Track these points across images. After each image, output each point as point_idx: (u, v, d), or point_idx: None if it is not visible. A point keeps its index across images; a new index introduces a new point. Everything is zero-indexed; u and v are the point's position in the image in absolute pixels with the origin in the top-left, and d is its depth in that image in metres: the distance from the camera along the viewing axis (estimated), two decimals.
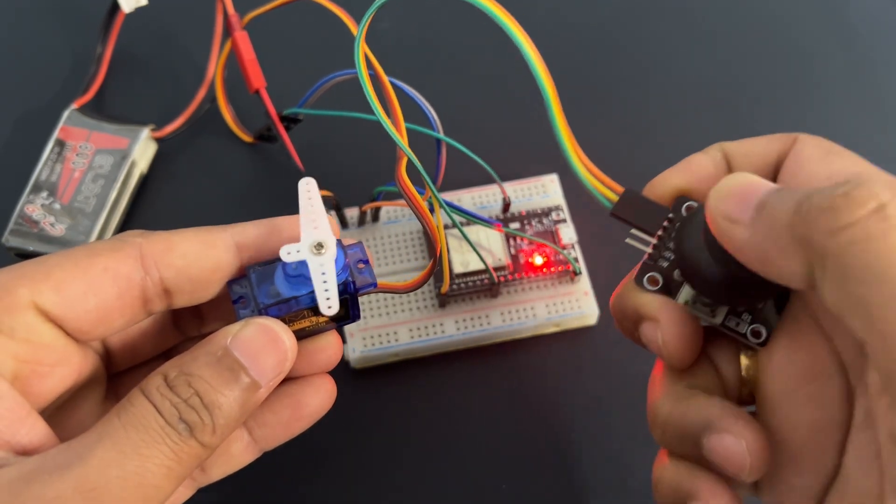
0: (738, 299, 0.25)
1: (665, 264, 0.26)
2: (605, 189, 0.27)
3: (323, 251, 0.23)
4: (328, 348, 0.26)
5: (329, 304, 0.23)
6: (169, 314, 0.27)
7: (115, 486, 0.20)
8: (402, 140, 0.26)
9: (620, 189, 0.26)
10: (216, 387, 0.22)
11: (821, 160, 0.24)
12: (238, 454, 0.27)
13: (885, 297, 0.19)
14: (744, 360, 0.26)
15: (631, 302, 0.26)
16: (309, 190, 0.24)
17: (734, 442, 0.24)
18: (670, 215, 0.26)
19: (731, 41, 0.45)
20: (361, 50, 0.26)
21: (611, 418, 0.36)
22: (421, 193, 0.28)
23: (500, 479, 0.35)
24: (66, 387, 0.24)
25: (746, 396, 0.26)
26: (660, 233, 0.26)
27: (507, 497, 0.34)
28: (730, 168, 0.26)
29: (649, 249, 0.26)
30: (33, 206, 0.38)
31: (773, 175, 0.26)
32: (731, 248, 0.22)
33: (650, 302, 0.26)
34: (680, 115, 0.43)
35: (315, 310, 0.24)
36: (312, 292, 0.23)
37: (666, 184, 0.26)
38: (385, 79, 0.27)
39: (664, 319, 0.25)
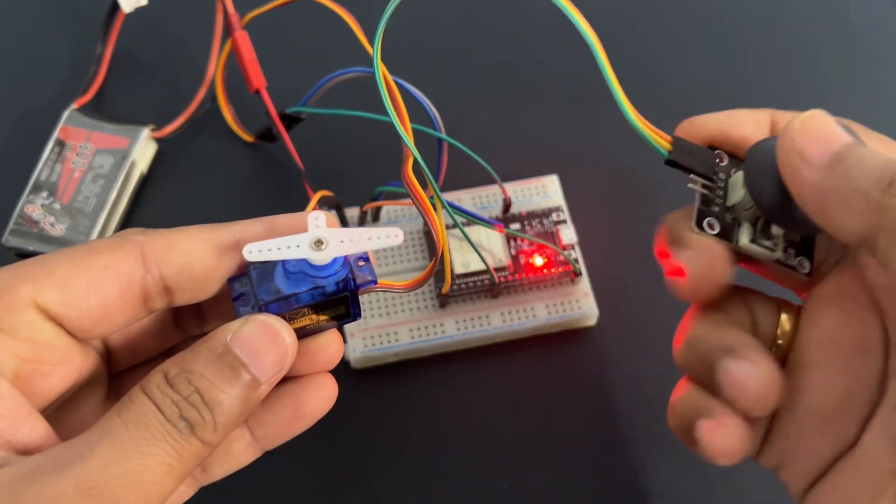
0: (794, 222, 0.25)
1: (717, 208, 0.27)
2: (658, 138, 0.26)
3: (322, 247, 0.23)
4: (329, 347, 0.26)
5: (251, 250, 0.22)
6: (170, 313, 0.27)
7: (116, 485, 0.20)
8: (410, 140, 0.26)
9: (669, 137, 0.27)
10: (217, 384, 0.22)
11: (891, 150, 0.25)
12: (239, 453, 0.27)
13: None
14: (783, 320, 0.27)
15: (678, 235, 0.27)
16: (388, 237, 0.23)
17: (749, 367, 0.24)
18: (718, 161, 0.27)
19: (731, 41, 0.45)
20: (382, 73, 0.25)
21: (610, 418, 0.36)
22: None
23: (500, 479, 0.35)
24: (67, 386, 0.24)
25: (778, 356, 0.27)
26: (713, 177, 0.27)
27: (507, 497, 0.34)
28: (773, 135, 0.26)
29: (707, 192, 0.27)
30: (33, 206, 0.38)
31: None
32: (793, 185, 0.22)
33: (693, 238, 0.26)
34: (679, 116, 0.43)
35: (316, 307, 0.24)
36: (313, 289, 0.23)
37: (703, 127, 0.27)
38: (392, 83, 0.27)
39: (697, 249, 0.26)
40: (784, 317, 0.27)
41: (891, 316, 0.24)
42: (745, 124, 0.27)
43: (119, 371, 0.27)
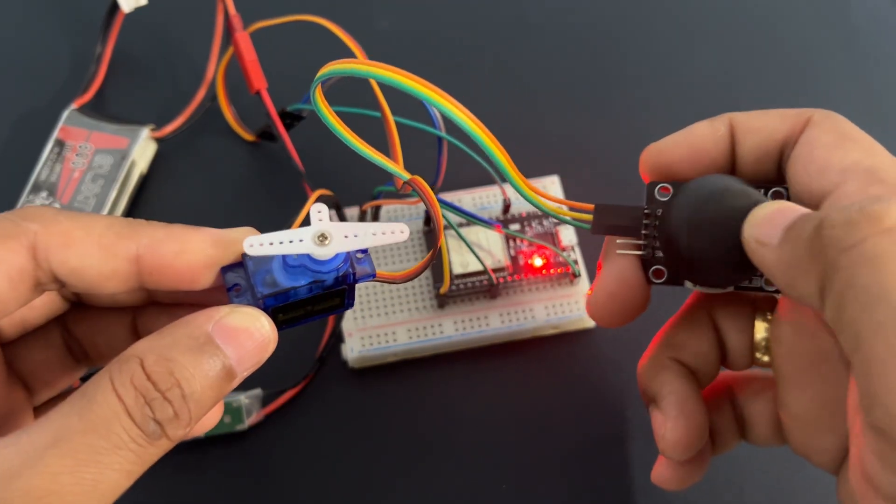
0: (731, 276, 0.25)
1: (661, 254, 0.26)
2: (579, 214, 0.27)
3: (325, 243, 0.22)
4: None
5: (252, 244, 0.22)
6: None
7: (69, 492, 0.19)
8: (380, 160, 0.26)
9: (590, 206, 0.27)
10: (196, 375, 0.20)
11: (835, 147, 0.24)
12: None
13: (875, 322, 0.18)
14: (759, 328, 0.27)
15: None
16: (393, 232, 0.23)
17: (660, 421, 0.27)
18: (647, 210, 0.26)
19: (730, 41, 0.45)
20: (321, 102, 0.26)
21: (609, 420, 0.36)
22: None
23: (499, 479, 0.34)
24: None
25: (763, 363, 0.28)
26: (644, 231, 0.26)
27: (506, 497, 0.34)
28: (733, 144, 0.26)
29: (641, 252, 0.26)
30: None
31: (779, 154, 0.26)
32: (763, 271, 0.23)
33: (612, 256, 0.27)
34: (679, 116, 0.43)
35: (312, 300, 0.23)
36: (312, 283, 0.23)
37: (661, 156, 0.27)
38: (388, 111, 0.27)
39: (608, 271, 0.27)
40: (760, 327, 0.27)
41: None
42: (705, 138, 0.26)
43: (9, 342, 0.25)
